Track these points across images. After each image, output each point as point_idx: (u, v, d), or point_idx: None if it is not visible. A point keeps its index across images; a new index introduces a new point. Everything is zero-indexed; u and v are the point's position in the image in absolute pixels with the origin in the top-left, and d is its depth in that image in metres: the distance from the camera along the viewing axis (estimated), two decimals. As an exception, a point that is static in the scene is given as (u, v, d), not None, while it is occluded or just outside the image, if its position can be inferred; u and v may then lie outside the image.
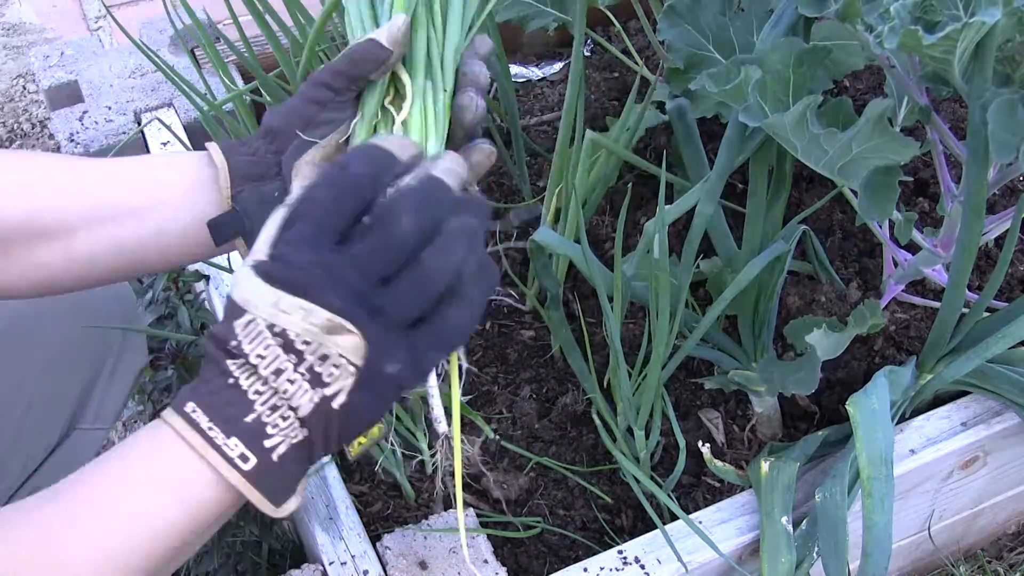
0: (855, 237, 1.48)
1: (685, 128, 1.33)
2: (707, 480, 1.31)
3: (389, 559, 1.13)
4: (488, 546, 1.15)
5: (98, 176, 0.85)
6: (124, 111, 1.72)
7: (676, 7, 1.28)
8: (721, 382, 1.31)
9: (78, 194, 0.84)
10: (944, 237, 1.22)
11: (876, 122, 0.99)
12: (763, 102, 1.05)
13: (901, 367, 1.22)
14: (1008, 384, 1.22)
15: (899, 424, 1.23)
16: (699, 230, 1.17)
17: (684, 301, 1.18)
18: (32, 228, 0.83)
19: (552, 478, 1.33)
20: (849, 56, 1.33)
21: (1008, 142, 0.97)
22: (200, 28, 1.45)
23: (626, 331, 1.42)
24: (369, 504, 1.30)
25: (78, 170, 0.86)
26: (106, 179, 0.85)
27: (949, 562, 1.42)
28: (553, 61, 1.94)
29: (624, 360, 1.16)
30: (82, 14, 2.61)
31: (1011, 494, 1.39)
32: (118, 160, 0.87)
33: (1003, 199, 1.54)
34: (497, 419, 1.39)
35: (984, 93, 0.99)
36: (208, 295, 1.49)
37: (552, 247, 1.22)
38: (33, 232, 0.83)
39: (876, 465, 1.08)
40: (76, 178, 0.85)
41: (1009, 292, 1.44)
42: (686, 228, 1.20)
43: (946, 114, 1.58)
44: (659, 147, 1.58)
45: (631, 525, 1.29)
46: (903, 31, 0.93)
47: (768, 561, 1.09)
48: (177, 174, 0.86)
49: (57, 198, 0.84)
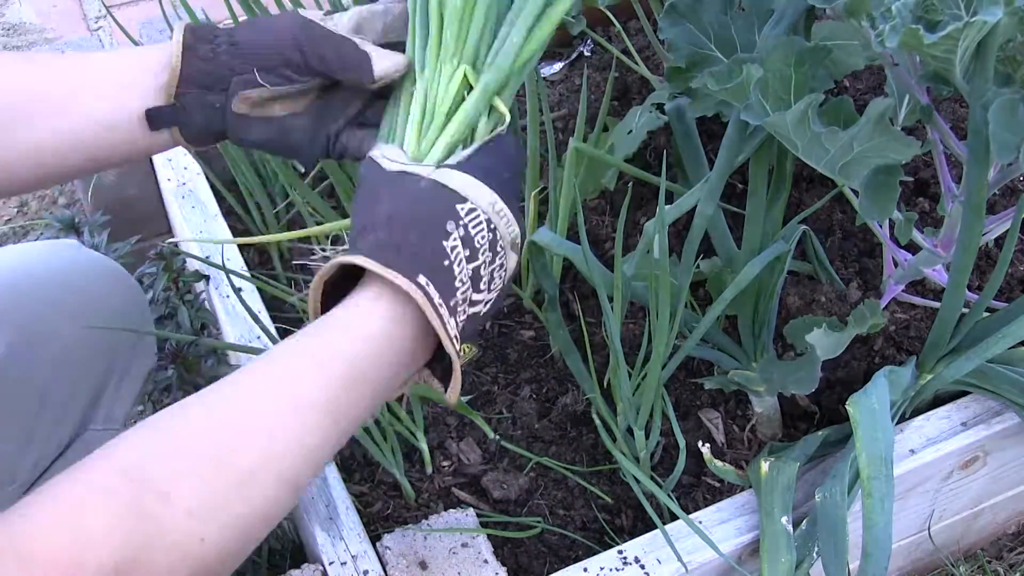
0: (855, 237, 1.48)
1: (684, 128, 1.33)
2: (707, 480, 1.31)
3: (389, 559, 1.13)
4: (488, 546, 1.15)
5: (52, 69, 0.88)
6: (124, 111, 1.71)
7: (677, 6, 1.28)
8: (721, 382, 1.31)
9: (26, 86, 0.87)
10: (944, 237, 1.22)
11: (877, 121, 0.99)
12: (764, 101, 1.05)
13: (901, 367, 1.22)
14: (1008, 384, 1.22)
15: (899, 424, 1.23)
16: (699, 230, 1.17)
17: (684, 301, 1.18)
18: (6, 114, 0.85)
19: (552, 478, 1.33)
20: (849, 56, 1.33)
21: (1009, 142, 0.97)
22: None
23: (626, 331, 1.42)
24: (369, 504, 1.30)
25: (30, 63, 0.89)
26: (56, 72, 0.88)
27: (949, 562, 1.42)
28: (553, 61, 1.94)
29: (624, 360, 1.15)
30: (82, 14, 2.61)
31: (1011, 494, 1.39)
32: (75, 55, 0.93)
33: (1003, 199, 1.54)
34: (497, 419, 1.39)
35: (985, 93, 0.99)
36: (208, 295, 1.49)
37: (551, 248, 1.22)
38: (7, 118, 0.85)
39: (876, 465, 1.08)
40: (26, 71, 0.88)
41: (1009, 292, 1.44)
42: (686, 228, 1.20)
43: (947, 114, 1.58)
44: (659, 147, 1.58)
45: (631, 525, 1.29)
46: (904, 30, 0.93)
47: (768, 561, 1.09)
48: (136, 74, 0.89)
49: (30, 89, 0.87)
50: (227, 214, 1.60)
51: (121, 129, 0.88)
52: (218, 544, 0.66)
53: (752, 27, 1.26)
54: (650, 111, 1.48)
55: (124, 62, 0.90)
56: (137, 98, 0.88)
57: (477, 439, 1.37)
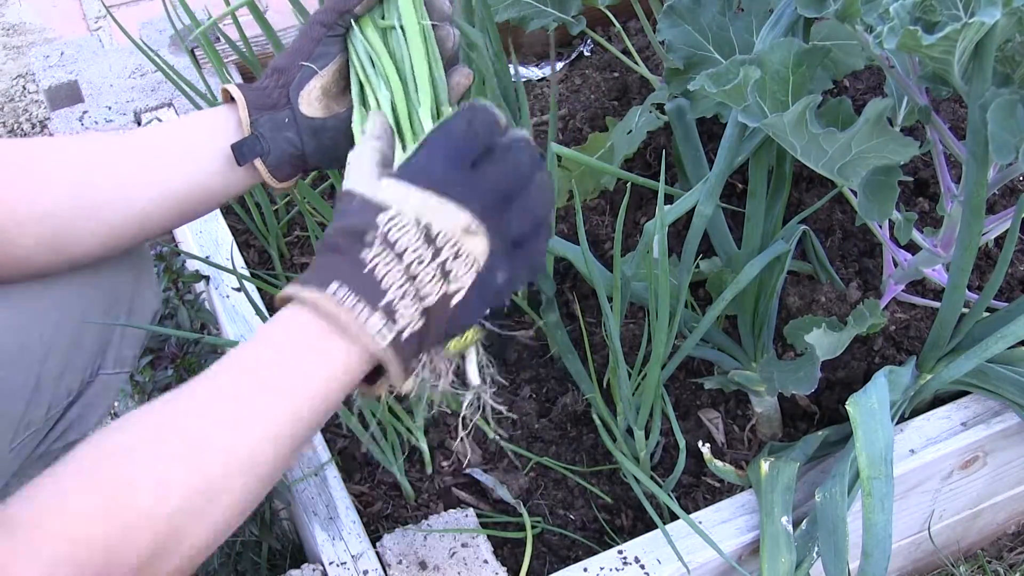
0: (855, 237, 1.48)
1: (684, 128, 1.33)
2: (707, 480, 1.31)
3: (389, 559, 1.13)
4: (488, 546, 1.15)
5: (141, 141, 1.00)
6: (124, 111, 1.72)
7: (676, 7, 1.28)
8: (721, 382, 1.31)
9: (129, 157, 0.98)
10: (944, 237, 1.22)
11: (876, 122, 0.99)
12: (762, 102, 1.05)
13: (901, 367, 1.22)
14: (1008, 384, 1.22)
15: (899, 424, 1.23)
16: (699, 230, 1.17)
17: (684, 301, 1.18)
18: (99, 191, 0.97)
19: (552, 478, 1.33)
20: (849, 56, 1.33)
21: (1008, 142, 0.97)
22: (200, 28, 1.45)
23: (626, 331, 1.42)
24: (369, 504, 1.30)
25: (124, 139, 1.00)
26: (148, 141, 1.00)
27: (949, 562, 1.42)
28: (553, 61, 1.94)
29: (624, 360, 1.16)
30: (82, 14, 2.61)
31: (1011, 494, 1.39)
32: (151, 127, 1.04)
33: (1003, 199, 1.54)
34: (497, 419, 1.39)
35: (984, 93, 0.99)
36: (208, 295, 1.49)
37: (551, 248, 1.22)
38: (100, 195, 0.97)
39: (876, 465, 1.08)
40: (123, 146, 0.99)
41: (1009, 292, 1.44)
42: (686, 228, 1.20)
43: (946, 114, 1.58)
44: (659, 147, 1.58)
45: (631, 525, 1.29)
46: (903, 31, 0.93)
47: (768, 561, 1.10)
48: (207, 121, 1.01)
49: (114, 163, 0.98)
50: (226, 213, 1.61)
51: (212, 172, 0.99)
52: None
53: (751, 28, 1.26)
54: (650, 111, 1.48)
55: (194, 120, 1.02)
56: (221, 138, 0.99)
57: (477, 439, 1.37)
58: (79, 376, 1.08)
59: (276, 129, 1.00)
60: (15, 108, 2.42)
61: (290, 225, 1.68)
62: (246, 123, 0.99)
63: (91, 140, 1.03)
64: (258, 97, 1.00)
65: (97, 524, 0.70)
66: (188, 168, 0.99)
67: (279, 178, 1.02)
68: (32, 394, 1.02)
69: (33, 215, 0.97)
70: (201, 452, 0.75)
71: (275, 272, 1.60)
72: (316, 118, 1.00)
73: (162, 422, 0.76)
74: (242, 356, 0.80)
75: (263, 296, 1.44)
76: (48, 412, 1.05)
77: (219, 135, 1.00)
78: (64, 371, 1.05)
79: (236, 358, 0.79)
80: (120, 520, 0.70)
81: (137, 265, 1.13)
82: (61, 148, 0.99)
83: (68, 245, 0.99)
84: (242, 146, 0.99)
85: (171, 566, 0.73)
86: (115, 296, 1.11)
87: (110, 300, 1.10)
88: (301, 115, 1.00)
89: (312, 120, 1.00)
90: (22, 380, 1.01)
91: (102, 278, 1.08)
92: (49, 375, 1.03)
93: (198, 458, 0.74)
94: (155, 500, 0.72)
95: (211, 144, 0.99)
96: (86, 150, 0.99)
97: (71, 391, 1.07)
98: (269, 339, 0.80)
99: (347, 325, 0.77)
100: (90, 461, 0.73)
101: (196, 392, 0.78)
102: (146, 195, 0.98)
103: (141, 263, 1.14)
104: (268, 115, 0.99)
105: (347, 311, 0.77)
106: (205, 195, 1.01)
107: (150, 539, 0.71)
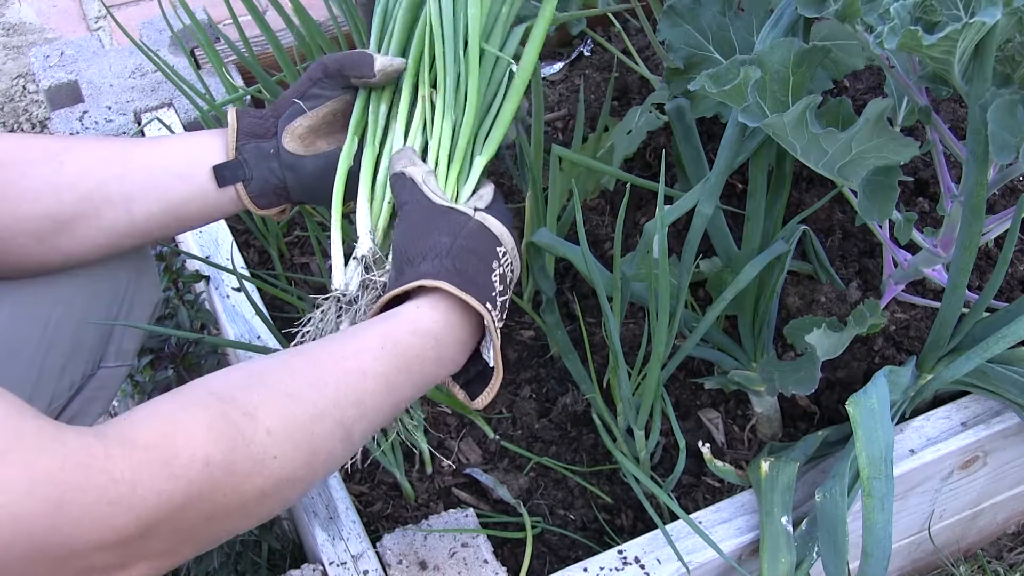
0: (855, 237, 1.48)
1: (684, 128, 1.33)
2: (707, 480, 1.31)
3: (389, 559, 1.13)
4: (488, 546, 1.15)
5: (146, 151, 1.05)
6: (124, 111, 1.72)
7: (676, 7, 1.28)
8: (721, 382, 1.31)
9: (133, 166, 1.03)
10: (944, 237, 1.22)
11: (876, 122, 0.99)
12: (763, 102, 1.05)
13: (901, 367, 1.22)
14: (1008, 384, 1.22)
15: (899, 424, 1.23)
16: (699, 230, 1.17)
17: (684, 301, 1.18)
18: (100, 196, 1.00)
19: (552, 478, 1.33)
20: (849, 56, 1.33)
21: (1008, 142, 0.97)
22: (199, 28, 1.45)
23: (626, 331, 1.42)
24: (369, 504, 1.30)
25: (128, 146, 1.05)
26: (152, 151, 1.05)
27: (949, 562, 1.42)
28: (553, 61, 1.94)
29: (624, 360, 1.16)
30: (82, 14, 2.61)
31: (1011, 494, 1.39)
32: (157, 137, 1.12)
33: (1003, 199, 1.54)
34: (497, 419, 1.39)
35: (984, 93, 0.99)
36: (208, 295, 1.49)
37: (551, 248, 1.22)
38: (100, 199, 1.00)
39: (876, 465, 1.08)
40: (128, 153, 1.04)
41: (1009, 292, 1.44)
42: (686, 228, 1.20)
43: (946, 114, 1.58)
44: (659, 147, 1.58)
45: (631, 525, 1.29)
46: (903, 31, 0.93)
47: (768, 561, 1.10)
48: (206, 140, 1.06)
49: (118, 170, 1.02)
50: (227, 214, 1.61)
51: (206, 190, 1.05)
52: (286, 465, 0.79)
53: (751, 28, 1.26)
54: (650, 111, 1.48)
55: (197, 137, 1.07)
56: (214, 158, 1.05)
57: (477, 439, 1.37)
58: (81, 369, 1.09)
59: (261, 158, 1.05)
60: (15, 108, 2.42)
61: (290, 225, 1.68)
62: (232, 148, 1.04)
63: (100, 144, 1.07)
64: (252, 124, 1.06)
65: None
66: (185, 183, 1.04)
67: (260, 205, 1.07)
68: (34, 387, 1.03)
69: (35, 214, 0.97)
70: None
71: (275, 272, 1.60)
72: (295, 154, 1.06)
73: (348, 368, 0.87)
74: (400, 335, 0.92)
75: (263, 296, 1.44)
76: (50, 405, 1.06)
77: (213, 155, 1.05)
78: (66, 364, 1.06)
79: (395, 332, 0.92)
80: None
81: (138, 260, 1.13)
82: (70, 148, 1.02)
83: (68, 245, 1.00)
84: (224, 169, 1.04)
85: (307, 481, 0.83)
86: (116, 291, 1.11)
87: (112, 295, 1.11)
88: (283, 149, 1.05)
89: (291, 155, 1.05)
90: (24, 373, 1.02)
91: (104, 273, 1.09)
92: (51, 368, 1.05)
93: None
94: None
95: (205, 163, 1.05)
96: (96, 154, 1.03)
97: (73, 384, 1.08)
98: (421, 328, 0.93)
99: (496, 342, 0.95)
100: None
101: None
102: (146, 203, 1.03)
103: (141, 259, 1.15)
104: (255, 143, 1.05)
105: (495, 327, 0.94)
106: (200, 210, 1.06)
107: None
